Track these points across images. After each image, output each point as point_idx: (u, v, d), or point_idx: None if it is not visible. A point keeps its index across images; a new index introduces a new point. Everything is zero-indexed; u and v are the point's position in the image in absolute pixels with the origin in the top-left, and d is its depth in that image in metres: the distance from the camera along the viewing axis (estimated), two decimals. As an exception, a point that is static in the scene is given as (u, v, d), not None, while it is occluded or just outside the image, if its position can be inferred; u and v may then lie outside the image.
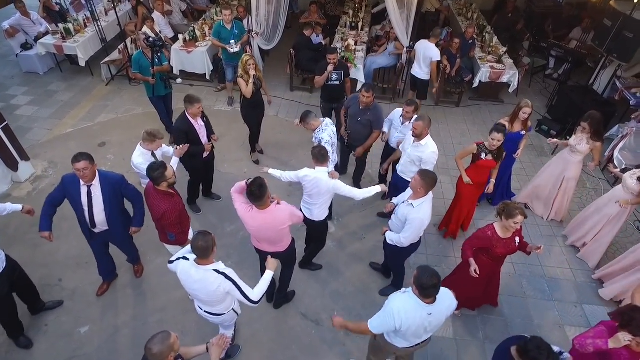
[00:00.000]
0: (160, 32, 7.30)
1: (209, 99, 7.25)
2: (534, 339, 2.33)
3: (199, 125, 4.41)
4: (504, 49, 7.46)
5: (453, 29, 8.74)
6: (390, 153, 4.94)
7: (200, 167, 4.77)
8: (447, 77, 7.13)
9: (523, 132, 4.73)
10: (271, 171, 3.93)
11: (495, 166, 4.32)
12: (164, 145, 4.19)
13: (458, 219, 4.69)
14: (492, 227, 3.40)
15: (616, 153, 5.73)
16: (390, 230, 3.72)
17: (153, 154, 3.99)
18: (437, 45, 6.31)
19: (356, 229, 5.00)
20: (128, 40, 7.27)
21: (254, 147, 5.86)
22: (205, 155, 4.62)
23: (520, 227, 3.37)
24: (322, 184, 3.63)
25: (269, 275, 3.04)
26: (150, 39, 5.13)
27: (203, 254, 2.71)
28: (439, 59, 6.34)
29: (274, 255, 3.54)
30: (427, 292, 2.53)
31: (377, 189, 3.81)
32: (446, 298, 2.72)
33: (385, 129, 4.95)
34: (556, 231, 5.09)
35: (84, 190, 3.44)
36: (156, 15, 7.52)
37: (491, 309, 4.19)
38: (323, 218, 3.94)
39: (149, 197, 3.42)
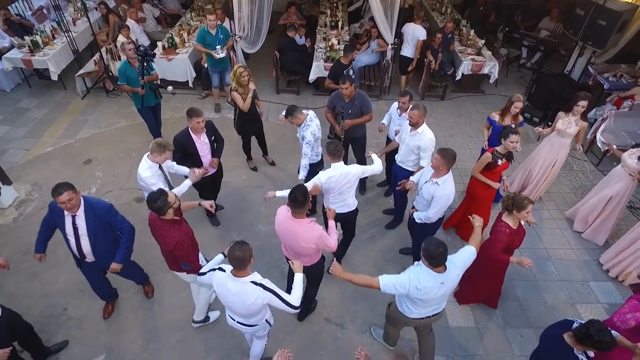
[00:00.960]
0: (136, 40, 7.02)
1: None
2: (594, 323, 2.39)
3: (200, 142, 4.21)
4: (482, 42, 7.69)
5: (429, 24, 8.90)
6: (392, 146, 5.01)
7: (207, 183, 4.60)
8: (432, 71, 7.27)
9: (513, 125, 4.80)
10: (278, 193, 3.64)
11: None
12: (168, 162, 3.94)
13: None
14: (505, 224, 3.41)
15: (598, 135, 6.03)
16: (417, 210, 3.90)
17: (161, 168, 3.81)
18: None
19: (364, 228, 5.00)
20: (103, 50, 6.93)
21: (250, 155, 5.73)
22: (209, 172, 4.44)
23: None
24: (350, 176, 3.68)
25: (299, 277, 2.98)
26: (141, 48, 4.91)
27: (240, 265, 2.63)
28: (425, 38, 7.06)
29: None
30: (436, 261, 2.68)
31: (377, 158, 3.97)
32: (456, 267, 2.83)
33: (384, 121, 5.02)
34: (554, 214, 5.30)
35: (68, 220, 3.21)
36: (131, 23, 7.22)
37: (507, 295, 4.30)
38: (357, 204, 4.01)
39: (156, 230, 3.15)
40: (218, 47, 6.10)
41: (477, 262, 3.37)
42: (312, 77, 7.08)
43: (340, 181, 3.66)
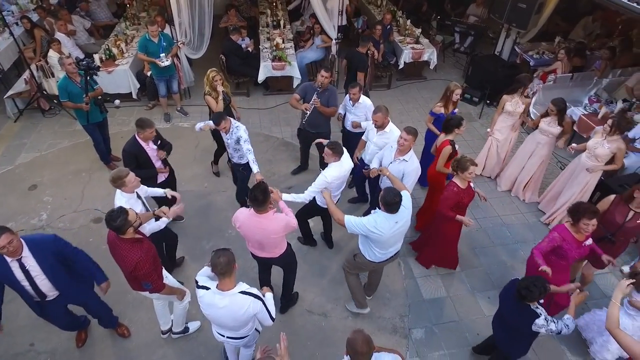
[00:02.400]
0: (69, 54, 6.62)
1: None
2: (520, 282, 2.87)
3: (150, 149, 4.17)
4: (419, 31, 8.10)
5: (367, 17, 9.21)
6: (347, 137, 5.22)
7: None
8: (376, 62, 7.55)
9: (456, 111, 5.10)
10: (285, 197, 3.66)
11: None
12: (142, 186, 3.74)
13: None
14: (454, 183, 3.80)
15: (531, 108, 6.59)
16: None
17: (138, 196, 3.61)
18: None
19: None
20: (33, 68, 6.48)
21: (217, 160, 5.65)
22: (162, 178, 4.40)
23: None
24: (349, 169, 3.96)
25: (270, 295, 2.92)
26: (84, 62, 4.66)
27: (226, 270, 2.57)
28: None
29: (268, 260, 3.59)
30: (392, 208, 3.13)
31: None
32: (405, 208, 3.23)
33: (340, 110, 5.21)
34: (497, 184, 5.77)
35: (14, 265, 2.91)
36: (60, 36, 6.79)
37: (471, 263, 4.64)
38: None
39: (115, 249, 2.99)
40: (162, 55, 5.94)
41: (434, 224, 4.04)
42: (261, 77, 7.09)
43: (342, 179, 3.90)
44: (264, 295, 2.83)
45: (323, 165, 5.53)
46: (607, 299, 4.27)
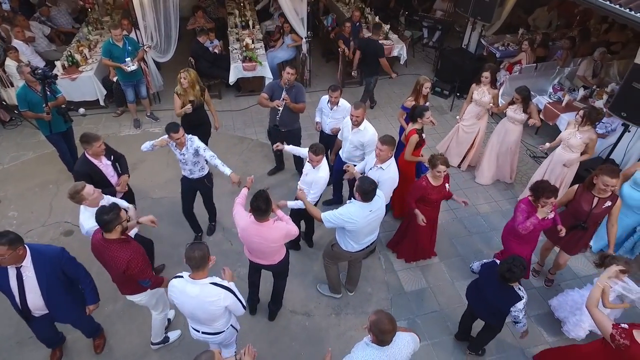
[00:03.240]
0: (28, 62, 6.35)
1: (111, 126, 6.60)
2: (502, 264, 2.97)
3: (104, 165, 3.96)
4: (387, 27, 8.18)
5: (336, 14, 9.23)
6: (326, 141, 5.13)
7: None
8: (347, 59, 7.57)
9: (427, 104, 5.21)
10: (290, 204, 3.82)
11: None
12: (106, 197, 3.59)
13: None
14: (425, 177, 3.91)
15: (500, 99, 6.77)
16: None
17: None
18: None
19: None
20: (-11, 78, 6.18)
21: None
22: (119, 195, 4.20)
23: (447, 175, 3.96)
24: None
25: (233, 285, 2.86)
26: (39, 71, 4.46)
27: (200, 263, 2.60)
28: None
29: (266, 268, 3.58)
30: (367, 197, 3.21)
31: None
32: (379, 197, 3.33)
33: (317, 119, 5.16)
34: (472, 175, 5.89)
35: (12, 272, 2.84)
36: (18, 43, 6.50)
37: (449, 253, 4.73)
38: None
39: (102, 252, 2.92)
40: (127, 59, 5.77)
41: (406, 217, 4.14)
42: (232, 79, 7.00)
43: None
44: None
45: (298, 165, 5.55)
46: (578, 279, 4.45)
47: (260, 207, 3.02)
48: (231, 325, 3.05)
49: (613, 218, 3.69)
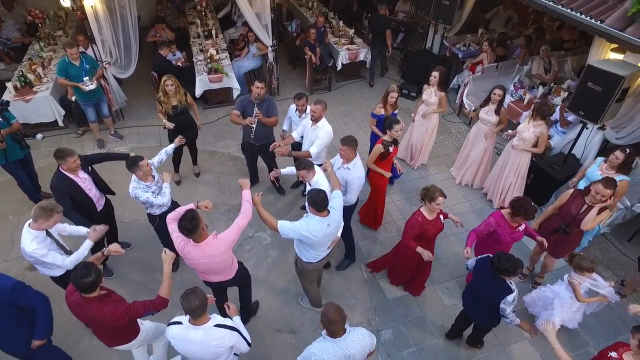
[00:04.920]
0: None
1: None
2: (494, 258, 3.02)
3: (81, 179, 3.87)
4: (352, 31, 8.23)
5: (300, 20, 9.19)
6: (295, 145, 5.12)
7: (98, 222, 4.21)
8: (314, 66, 7.57)
9: (396, 112, 5.23)
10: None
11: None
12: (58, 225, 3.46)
13: (381, 212, 5.01)
14: (420, 213, 3.67)
15: (464, 99, 6.98)
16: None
17: (48, 234, 3.31)
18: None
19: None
20: None
21: (178, 169, 5.60)
22: (99, 208, 4.14)
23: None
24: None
25: (238, 320, 2.90)
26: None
27: (202, 311, 2.52)
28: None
29: (223, 284, 3.50)
30: (319, 206, 3.19)
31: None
32: (335, 210, 3.33)
33: (285, 127, 5.15)
34: (447, 175, 6.03)
35: None
36: (-38, 66, 6.09)
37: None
38: None
39: (82, 310, 2.71)
40: (85, 78, 5.50)
41: (400, 246, 3.98)
42: (199, 91, 6.84)
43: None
44: (232, 319, 2.83)
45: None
46: (553, 277, 4.62)
47: (187, 226, 2.91)
48: (234, 353, 2.95)
49: (591, 215, 3.74)
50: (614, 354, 2.66)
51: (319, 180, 3.63)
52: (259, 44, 7.35)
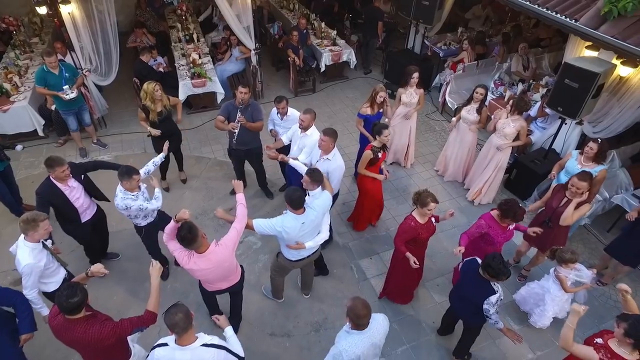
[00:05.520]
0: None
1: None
2: (487, 258, 3.04)
3: (69, 188, 3.85)
4: (334, 32, 8.27)
5: (282, 22, 9.19)
6: (283, 150, 5.13)
7: (87, 230, 4.19)
8: (298, 68, 7.58)
9: (382, 111, 5.30)
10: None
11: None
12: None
13: (370, 215, 5.06)
14: (413, 217, 3.65)
15: (447, 97, 7.09)
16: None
17: (45, 246, 3.27)
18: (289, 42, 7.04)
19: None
20: None
21: (165, 175, 5.55)
22: (88, 217, 4.10)
23: None
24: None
25: (231, 331, 2.87)
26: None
27: (186, 326, 2.44)
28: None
29: (233, 287, 3.51)
30: (295, 204, 3.28)
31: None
32: (313, 210, 3.40)
33: (271, 126, 5.17)
34: (433, 173, 6.13)
35: None
36: None
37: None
38: None
39: (66, 333, 2.61)
40: (66, 87, 5.39)
41: (393, 258, 4.00)
42: (182, 97, 6.75)
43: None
44: (224, 331, 2.80)
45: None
46: (540, 271, 4.74)
47: (186, 237, 2.91)
48: None
49: (570, 208, 3.86)
50: (599, 340, 2.75)
51: (316, 194, 3.60)
52: (242, 47, 7.33)
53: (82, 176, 4.01)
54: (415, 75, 5.36)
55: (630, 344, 2.60)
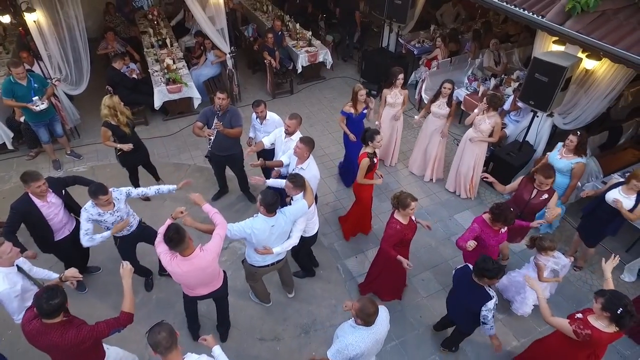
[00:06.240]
0: None
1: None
2: (479, 262, 3.10)
3: (47, 204, 3.73)
4: (309, 33, 8.28)
5: (256, 24, 9.14)
6: (266, 154, 5.11)
7: (68, 247, 4.08)
8: (275, 70, 7.56)
9: (366, 111, 5.35)
10: (276, 249, 3.52)
11: None
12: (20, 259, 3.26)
13: (361, 222, 5.04)
14: (396, 220, 3.68)
15: (423, 94, 7.22)
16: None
17: (20, 269, 3.14)
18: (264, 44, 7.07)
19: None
20: None
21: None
22: (66, 233, 3.99)
23: None
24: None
25: (219, 350, 2.84)
26: None
27: (170, 344, 2.37)
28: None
29: (214, 293, 3.49)
30: (271, 208, 3.30)
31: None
32: (284, 215, 3.41)
33: (251, 134, 5.13)
34: (407, 172, 6.22)
35: None
36: None
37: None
38: None
39: (41, 338, 2.57)
40: (35, 98, 5.22)
41: (377, 258, 4.06)
42: (158, 103, 6.65)
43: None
44: (211, 351, 2.78)
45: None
46: (515, 255, 4.90)
47: (173, 237, 2.89)
48: None
49: (552, 205, 4.02)
50: (579, 315, 2.94)
51: (298, 199, 3.61)
52: (217, 51, 7.25)
53: (63, 191, 3.90)
54: (401, 76, 5.42)
55: (607, 317, 2.76)
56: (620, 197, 3.91)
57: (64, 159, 6.13)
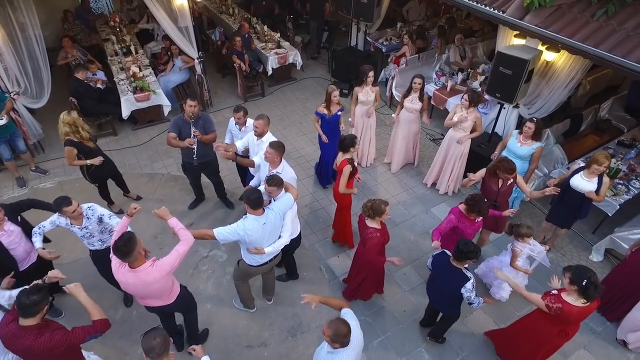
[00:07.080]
0: None
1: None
2: (459, 243, 3.23)
3: (6, 233, 3.49)
4: (278, 34, 8.25)
5: (223, 27, 9.02)
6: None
7: (35, 274, 3.81)
8: (245, 73, 7.49)
9: (339, 113, 5.37)
10: (268, 249, 3.51)
11: None
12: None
13: (347, 232, 4.97)
14: (373, 229, 3.71)
15: (393, 91, 7.33)
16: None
17: None
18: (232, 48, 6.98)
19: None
20: None
21: (110, 200, 5.27)
22: (29, 263, 3.75)
23: None
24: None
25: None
26: None
27: (161, 352, 2.38)
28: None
29: (165, 308, 3.39)
30: (254, 204, 3.27)
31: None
32: (272, 211, 3.41)
33: (227, 141, 5.05)
34: (386, 167, 6.30)
35: None
36: None
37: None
38: None
39: (15, 340, 2.55)
40: (-7, 113, 4.98)
41: (361, 265, 4.04)
42: (126, 113, 6.46)
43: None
44: None
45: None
46: (491, 243, 5.05)
47: (120, 248, 2.78)
48: None
49: (521, 186, 4.23)
50: (554, 291, 3.14)
51: (280, 197, 3.61)
52: (184, 57, 7.11)
53: (19, 218, 3.65)
54: (371, 74, 5.46)
55: (575, 291, 2.96)
56: (583, 181, 4.11)
57: (28, 175, 5.87)
